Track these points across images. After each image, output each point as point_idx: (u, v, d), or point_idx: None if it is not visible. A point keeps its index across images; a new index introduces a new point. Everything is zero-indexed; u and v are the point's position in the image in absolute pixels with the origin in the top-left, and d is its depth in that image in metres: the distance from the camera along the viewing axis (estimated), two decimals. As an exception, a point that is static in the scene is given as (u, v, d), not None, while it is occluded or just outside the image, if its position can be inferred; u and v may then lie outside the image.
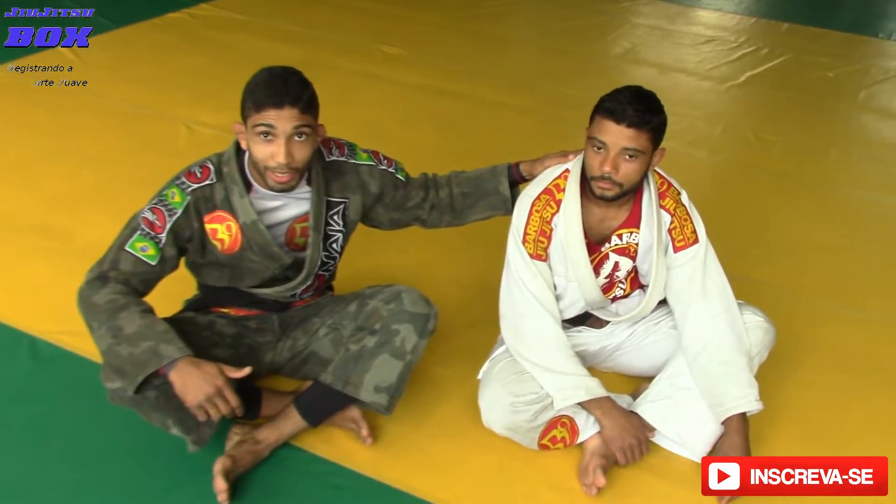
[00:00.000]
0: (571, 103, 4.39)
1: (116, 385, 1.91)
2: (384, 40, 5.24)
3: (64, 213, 3.16)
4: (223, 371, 1.85)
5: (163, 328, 1.88)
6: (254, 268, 2.10)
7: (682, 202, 2.20)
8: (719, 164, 4.08)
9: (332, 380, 2.10)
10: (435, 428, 2.28)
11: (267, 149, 1.90)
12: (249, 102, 1.90)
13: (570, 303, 2.25)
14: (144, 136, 3.82)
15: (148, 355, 1.82)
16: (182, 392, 1.82)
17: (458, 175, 2.38)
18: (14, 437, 2.17)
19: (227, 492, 1.97)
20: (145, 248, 1.95)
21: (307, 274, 2.14)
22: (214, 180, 2.01)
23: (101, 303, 1.88)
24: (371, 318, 2.14)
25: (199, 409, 1.83)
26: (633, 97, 2.01)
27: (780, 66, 5.38)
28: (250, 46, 4.92)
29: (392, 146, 3.83)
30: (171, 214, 1.97)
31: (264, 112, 1.87)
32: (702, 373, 2.17)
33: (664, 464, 2.19)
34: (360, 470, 2.13)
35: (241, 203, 2.00)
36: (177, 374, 1.82)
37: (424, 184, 2.34)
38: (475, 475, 2.15)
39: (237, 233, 2.04)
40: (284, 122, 1.87)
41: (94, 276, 1.94)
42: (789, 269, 3.17)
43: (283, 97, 1.86)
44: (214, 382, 1.82)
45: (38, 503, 2.00)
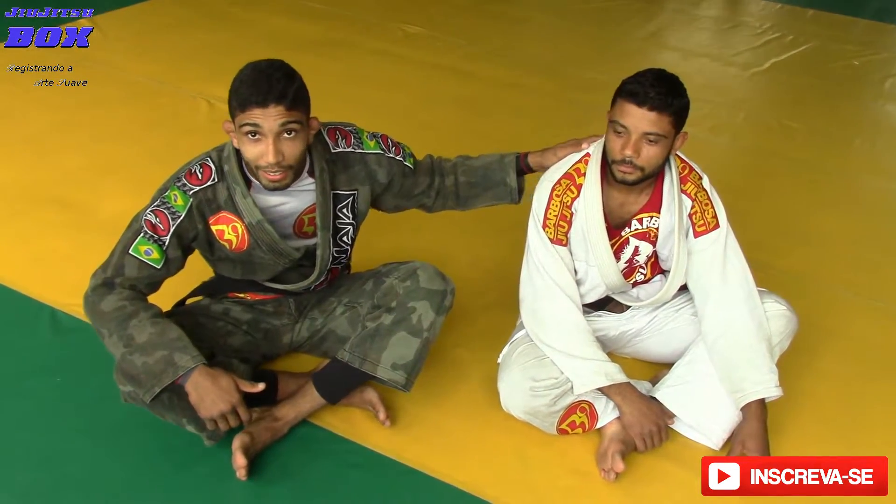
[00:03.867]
0: (592, 87, 4.36)
1: (129, 388, 1.93)
2: (404, 19, 5.21)
3: (84, 187, 3.17)
4: (238, 386, 1.88)
5: (175, 335, 1.88)
6: (265, 263, 2.09)
7: (704, 187, 2.18)
8: (741, 150, 4.05)
9: (349, 357, 2.10)
10: (454, 410, 2.28)
11: (256, 148, 1.84)
12: (234, 102, 1.83)
13: (590, 287, 2.23)
14: (164, 112, 3.83)
15: (163, 365, 1.83)
16: (197, 405, 1.86)
17: (464, 162, 2.34)
18: (34, 408, 2.19)
19: (246, 468, 1.97)
20: (149, 252, 1.94)
21: (319, 272, 2.13)
22: (216, 180, 1.97)
23: (108, 310, 1.89)
24: (387, 295, 2.13)
25: (211, 422, 1.87)
26: (656, 80, 1.98)
27: (804, 54, 5.33)
28: (270, 23, 4.92)
29: (410, 126, 3.86)
30: (174, 217, 1.94)
31: (249, 111, 1.80)
32: (721, 358, 2.16)
33: (682, 450, 2.18)
34: (379, 449, 2.14)
35: (245, 203, 1.97)
36: (193, 386, 1.85)
37: (430, 169, 2.30)
38: (493, 458, 2.15)
39: (244, 233, 2.01)
40: (271, 121, 1.81)
41: (100, 283, 1.93)
42: (810, 258, 3.14)
43: (266, 95, 1.79)
44: (229, 399, 1.85)
45: (56, 474, 2.01)
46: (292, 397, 2.16)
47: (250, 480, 1.99)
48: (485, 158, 2.34)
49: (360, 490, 2.04)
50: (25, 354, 2.36)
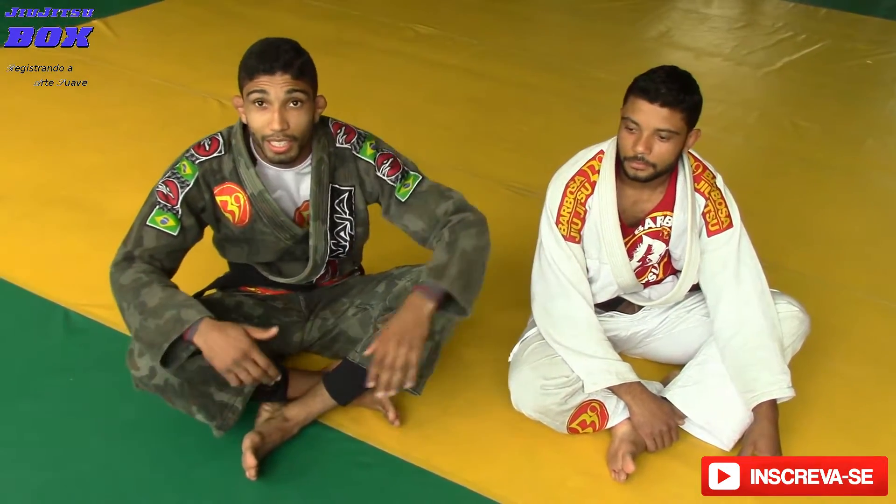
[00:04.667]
0: (603, 86, 4.36)
1: (141, 373, 1.94)
2: (415, 19, 5.22)
3: (96, 187, 3.18)
4: (248, 333, 1.84)
5: (183, 297, 1.88)
6: (267, 240, 2.09)
7: (717, 186, 2.18)
8: (754, 150, 4.04)
9: (360, 359, 2.10)
10: (464, 410, 2.28)
11: (262, 117, 1.89)
12: (243, 72, 1.90)
13: (602, 286, 2.23)
14: (176, 111, 3.84)
15: (171, 324, 1.82)
16: (210, 356, 1.82)
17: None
18: (47, 408, 2.19)
19: (256, 468, 1.98)
20: (165, 221, 1.96)
21: (314, 263, 2.13)
22: (223, 152, 2.01)
23: (127, 283, 1.89)
24: (399, 298, 2.13)
25: (230, 373, 1.82)
26: (668, 76, 1.98)
27: (817, 53, 5.31)
28: (282, 23, 4.93)
29: (421, 125, 3.86)
30: (183, 186, 1.98)
31: (257, 79, 1.86)
32: (733, 358, 2.15)
33: (693, 451, 2.17)
34: (388, 449, 2.14)
35: (248, 174, 2.00)
36: (201, 338, 1.82)
37: (433, 224, 2.07)
38: (503, 458, 2.15)
39: (246, 203, 2.04)
40: (277, 88, 1.86)
41: (121, 258, 1.95)
42: (823, 259, 3.13)
43: (273, 63, 1.85)
44: (240, 346, 1.82)
45: (69, 473, 2.02)
46: (303, 398, 2.17)
47: (260, 479, 2.00)
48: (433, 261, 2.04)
49: (369, 489, 2.04)
50: (38, 354, 2.38)
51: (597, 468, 2.13)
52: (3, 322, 2.50)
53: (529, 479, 2.10)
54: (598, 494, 2.07)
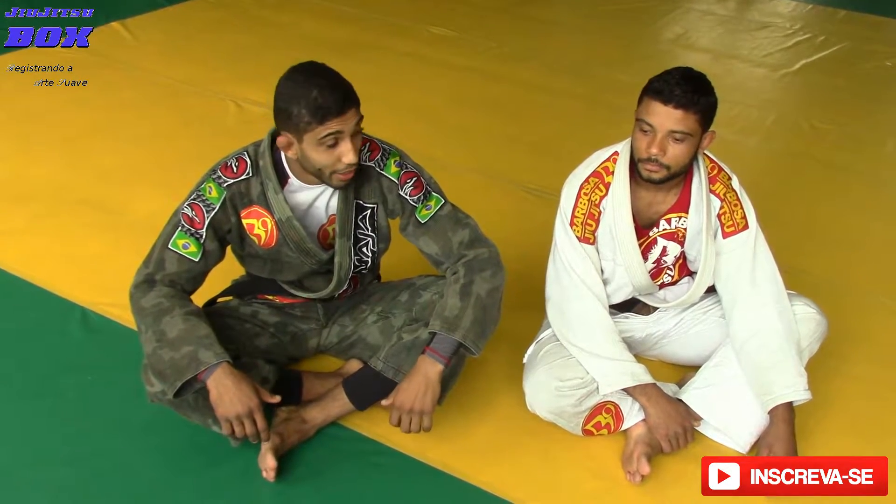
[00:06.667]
0: (621, 88, 4.34)
1: (156, 389, 1.95)
2: (433, 21, 5.23)
3: (116, 188, 3.21)
4: (258, 393, 1.88)
5: (204, 332, 1.89)
6: (292, 262, 2.10)
7: (733, 187, 2.17)
8: (771, 152, 4.02)
9: (382, 367, 2.11)
10: (479, 411, 2.28)
11: (333, 154, 1.86)
12: (308, 117, 1.82)
13: (617, 287, 2.23)
14: (194, 113, 3.87)
15: (187, 361, 1.84)
16: (216, 403, 1.86)
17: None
18: (65, 406, 2.22)
19: (275, 469, 1.99)
20: (187, 245, 1.97)
21: (338, 279, 2.13)
22: (251, 174, 1.99)
23: (147, 307, 1.91)
24: (426, 309, 2.13)
25: (227, 422, 1.86)
26: (682, 78, 1.97)
27: (835, 55, 5.28)
28: (300, 26, 4.96)
29: (439, 128, 3.87)
30: (209, 210, 1.97)
31: (328, 123, 1.82)
32: (749, 361, 2.14)
33: (708, 453, 2.15)
34: (404, 450, 2.14)
35: (277, 199, 1.99)
36: (214, 383, 1.85)
37: (448, 253, 2.09)
38: (518, 459, 2.15)
39: (273, 228, 2.03)
40: (350, 124, 1.85)
41: (142, 280, 1.96)
42: (840, 262, 3.11)
43: (343, 104, 1.83)
44: (248, 403, 1.85)
45: (85, 471, 2.04)
46: (321, 400, 2.17)
47: (276, 479, 2.01)
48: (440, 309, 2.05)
49: (385, 490, 2.05)
50: (57, 353, 2.40)
51: (612, 470, 2.13)
52: (22, 321, 2.52)
53: (544, 481, 2.10)
54: (613, 496, 2.07)
